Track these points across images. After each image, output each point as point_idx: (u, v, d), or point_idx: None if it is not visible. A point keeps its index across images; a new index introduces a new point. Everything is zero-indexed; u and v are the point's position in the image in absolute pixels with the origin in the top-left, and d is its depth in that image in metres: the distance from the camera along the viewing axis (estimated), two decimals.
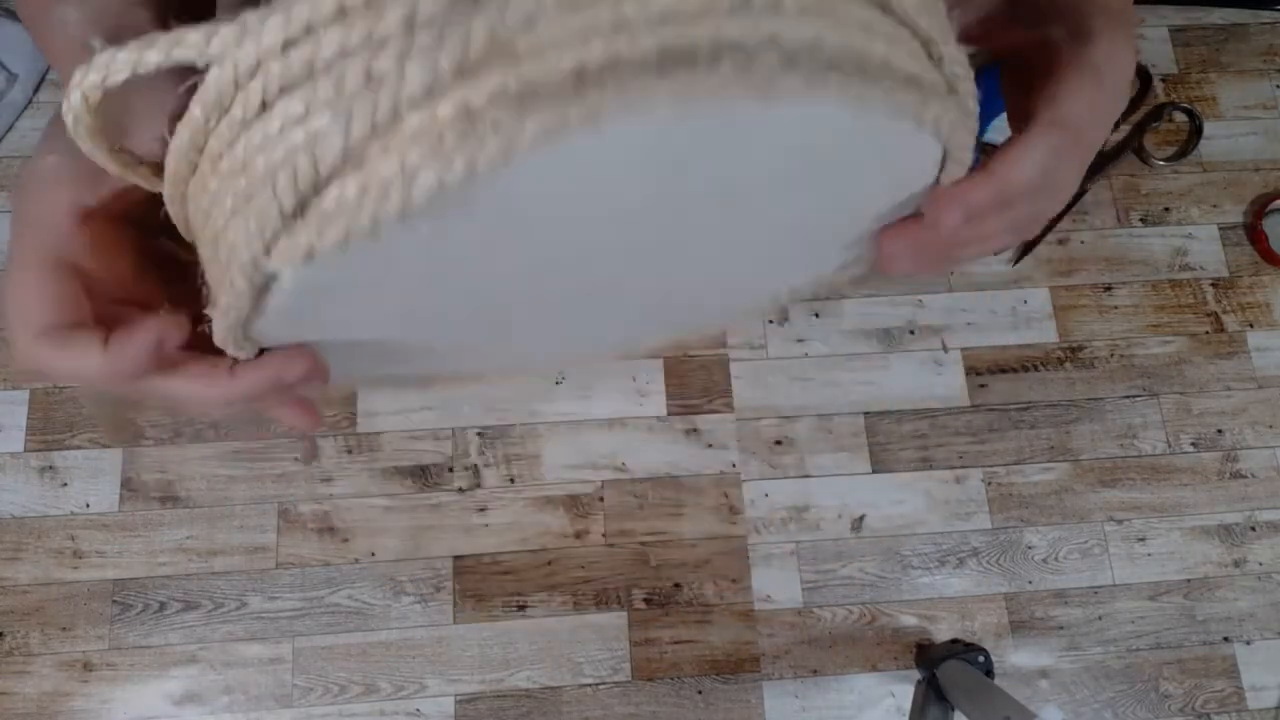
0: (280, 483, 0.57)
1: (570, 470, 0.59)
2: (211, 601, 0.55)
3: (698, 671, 0.56)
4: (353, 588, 0.56)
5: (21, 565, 0.55)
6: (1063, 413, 0.62)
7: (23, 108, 0.63)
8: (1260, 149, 0.68)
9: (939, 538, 0.59)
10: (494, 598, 0.56)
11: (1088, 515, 0.60)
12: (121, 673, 0.54)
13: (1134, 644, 0.58)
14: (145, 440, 0.58)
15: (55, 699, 0.53)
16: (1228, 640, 0.58)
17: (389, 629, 0.55)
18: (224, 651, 0.54)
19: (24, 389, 0.58)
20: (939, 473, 0.60)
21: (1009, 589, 0.58)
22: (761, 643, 0.57)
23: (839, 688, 0.56)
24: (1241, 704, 0.57)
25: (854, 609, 0.58)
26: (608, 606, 0.57)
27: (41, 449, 0.57)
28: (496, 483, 0.58)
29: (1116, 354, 0.63)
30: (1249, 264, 0.65)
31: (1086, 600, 0.58)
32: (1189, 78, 0.69)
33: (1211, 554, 0.60)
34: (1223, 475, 0.61)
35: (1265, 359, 0.63)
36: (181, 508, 0.57)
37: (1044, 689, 0.57)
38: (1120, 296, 0.64)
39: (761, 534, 0.58)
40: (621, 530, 0.58)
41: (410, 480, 0.58)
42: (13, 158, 0.62)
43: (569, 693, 0.55)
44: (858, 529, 0.59)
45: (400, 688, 0.54)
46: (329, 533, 0.57)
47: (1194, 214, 0.66)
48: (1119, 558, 0.59)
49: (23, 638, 0.54)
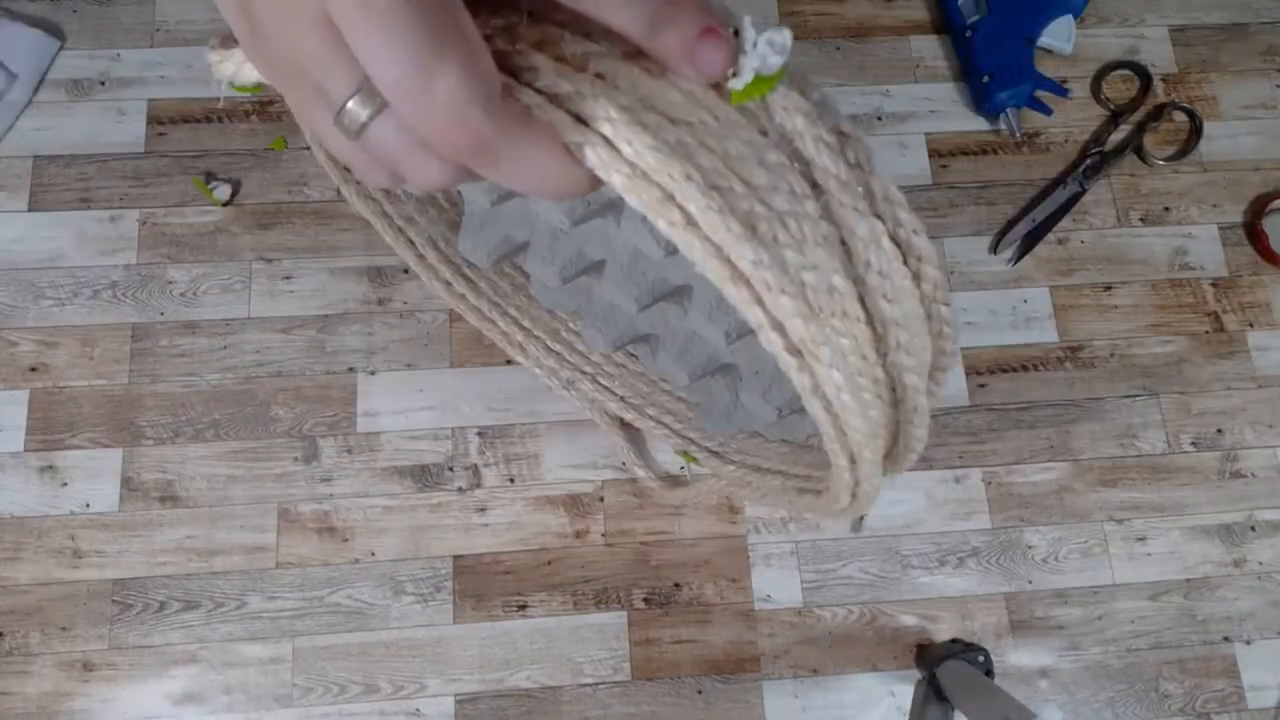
0: (280, 483, 0.57)
1: (570, 470, 0.59)
2: (211, 601, 0.55)
3: (698, 671, 0.56)
4: (353, 588, 0.56)
5: (21, 565, 0.55)
6: (1063, 412, 0.62)
7: (23, 108, 0.63)
8: (1260, 149, 0.68)
9: (939, 537, 0.59)
10: (494, 598, 0.56)
11: (1088, 515, 0.60)
12: (121, 673, 0.54)
13: (1134, 644, 0.58)
14: (145, 440, 0.58)
15: (55, 699, 0.53)
16: (1228, 640, 0.58)
17: (389, 629, 0.55)
18: (224, 651, 0.54)
19: (24, 389, 0.58)
20: (939, 472, 0.60)
21: (1009, 589, 0.58)
22: (761, 642, 0.57)
23: (839, 687, 0.56)
24: (1241, 704, 0.57)
25: (854, 609, 0.58)
26: (608, 606, 0.57)
27: (41, 449, 0.57)
28: (496, 483, 0.59)
29: (1116, 354, 0.63)
30: (1249, 264, 0.65)
31: (1086, 600, 0.58)
32: (1189, 77, 0.69)
33: (1211, 554, 0.60)
34: (1223, 475, 0.61)
35: (1265, 359, 0.64)
36: (181, 508, 0.57)
37: (1044, 689, 0.57)
38: (1120, 296, 0.64)
39: (761, 534, 0.58)
40: (621, 530, 0.58)
41: (410, 480, 0.58)
42: (12, 158, 0.62)
43: (569, 692, 0.55)
44: (857, 529, 0.59)
45: (400, 687, 0.54)
46: (329, 533, 0.57)
47: (1194, 214, 0.66)
48: (1119, 557, 0.59)
49: (23, 638, 0.54)
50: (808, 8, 0.70)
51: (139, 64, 0.65)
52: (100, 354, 0.59)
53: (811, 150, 0.25)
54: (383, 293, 0.62)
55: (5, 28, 0.63)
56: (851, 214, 0.25)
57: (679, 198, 0.21)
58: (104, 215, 0.62)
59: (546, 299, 0.55)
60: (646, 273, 0.45)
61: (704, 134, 0.22)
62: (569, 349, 0.58)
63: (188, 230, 0.62)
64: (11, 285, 0.60)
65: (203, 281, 0.61)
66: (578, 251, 0.48)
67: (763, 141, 0.24)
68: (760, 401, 0.47)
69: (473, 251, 0.51)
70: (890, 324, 0.27)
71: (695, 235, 0.21)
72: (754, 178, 0.23)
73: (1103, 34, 0.70)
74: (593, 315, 0.52)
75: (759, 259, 0.22)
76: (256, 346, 0.60)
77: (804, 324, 0.23)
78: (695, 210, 0.21)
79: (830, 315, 0.24)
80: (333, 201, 0.63)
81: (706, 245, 0.21)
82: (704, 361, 0.50)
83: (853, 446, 0.28)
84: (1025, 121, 0.67)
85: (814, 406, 0.26)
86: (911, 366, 0.28)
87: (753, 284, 0.22)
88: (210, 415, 0.59)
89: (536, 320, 0.58)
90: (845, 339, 0.25)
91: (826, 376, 0.24)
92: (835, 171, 0.25)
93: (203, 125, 0.64)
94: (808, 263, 0.23)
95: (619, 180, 0.20)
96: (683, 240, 0.21)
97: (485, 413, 0.60)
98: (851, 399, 0.25)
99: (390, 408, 0.59)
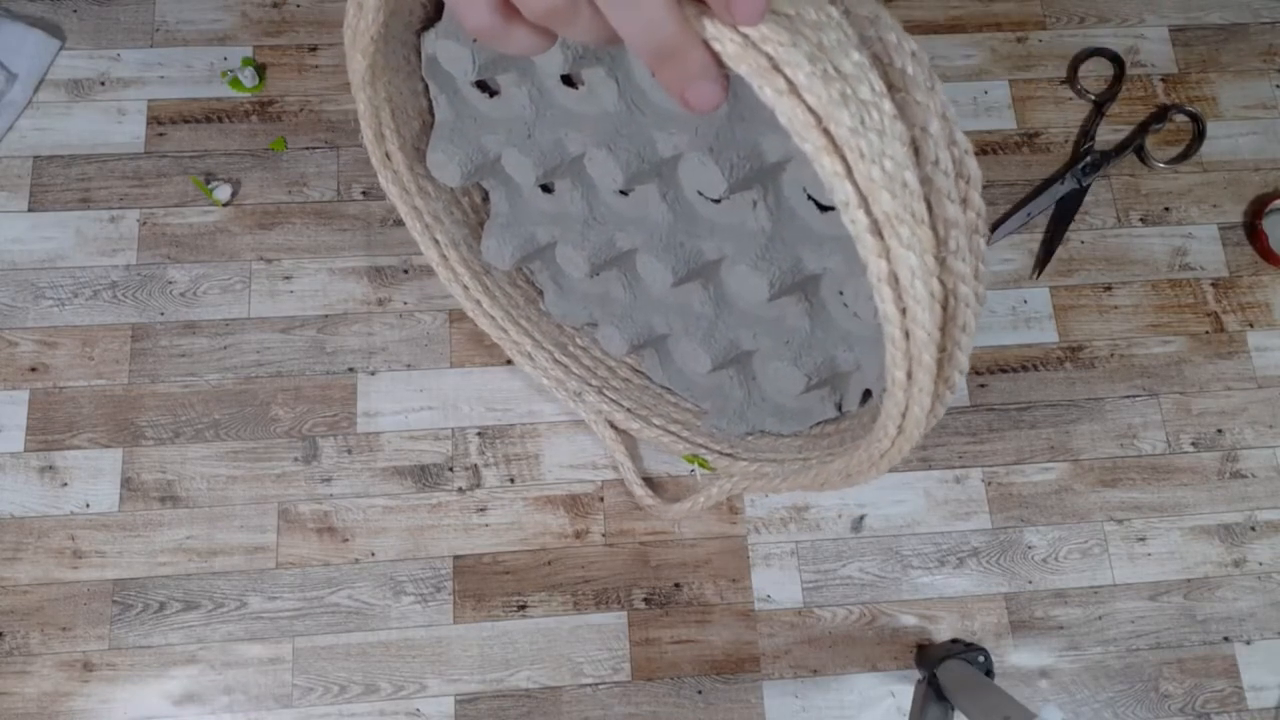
0: (280, 483, 0.57)
1: (570, 470, 0.59)
2: (211, 601, 0.55)
3: (698, 671, 0.56)
4: (353, 588, 0.56)
5: (21, 565, 0.55)
6: (1063, 413, 0.62)
7: (23, 108, 0.63)
8: (1260, 149, 0.68)
9: (939, 537, 0.59)
10: (494, 598, 0.56)
11: (1088, 515, 0.60)
12: (121, 673, 0.54)
13: (1134, 644, 0.58)
14: (145, 440, 0.58)
15: (55, 699, 0.53)
16: (1228, 640, 0.58)
17: (389, 629, 0.55)
18: (224, 651, 0.54)
19: (24, 389, 0.58)
20: (939, 472, 0.60)
21: (1009, 589, 0.58)
22: (761, 642, 0.57)
23: (839, 687, 0.56)
24: (1241, 704, 0.57)
25: (854, 609, 0.58)
26: (608, 606, 0.57)
27: (41, 449, 0.57)
28: (496, 483, 0.59)
29: (1116, 354, 0.63)
30: (1249, 264, 0.66)
31: (1086, 600, 0.58)
32: (1189, 78, 0.69)
33: (1211, 554, 0.60)
34: (1223, 475, 0.61)
35: (1265, 359, 0.64)
36: (181, 508, 0.57)
37: (1044, 689, 0.57)
38: (1120, 296, 0.64)
39: (761, 534, 0.58)
40: (621, 530, 0.58)
41: (410, 480, 0.58)
42: (13, 158, 0.62)
43: (569, 693, 0.55)
44: (857, 529, 0.59)
45: (400, 688, 0.54)
46: (329, 533, 0.57)
47: (1194, 214, 0.66)
48: (1119, 557, 0.59)
49: (23, 638, 0.54)
50: None
51: (139, 64, 0.65)
52: (100, 354, 0.59)
53: (892, 53, 0.28)
54: (383, 293, 0.62)
55: (5, 28, 0.63)
56: (924, 111, 0.28)
57: (785, 66, 0.23)
58: (104, 215, 0.62)
59: (559, 310, 0.56)
60: (684, 243, 0.46)
61: (800, 24, 0.24)
62: (575, 362, 0.58)
63: (188, 230, 0.62)
64: (11, 285, 0.60)
65: (203, 281, 0.61)
66: (608, 239, 0.48)
67: (847, 41, 0.26)
68: (792, 369, 0.47)
69: (496, 252, 0.52)
70: (951, 225, 0.28)
71: (797, 102, 0.23)
72: (843, 67, 0.25)
73: (1103, 34, 0.70)
74: (610, 315, 0.53)
75: (855, 126, 0.24)
76: (256, 346, 0.60)
77: (890, 198, 0.25)
78: (800, 77, 0.23)
79: (905, 207, 0.26)
80: (333, 201, 0.63)
81: (806, 113, 0.24)
82: (726, 347, 0.50)
83: (914, 351, 0.29)
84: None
85: (885, 298, 0.27)
86: (964, 276, 0.29)
87: (846, 154, 0.24)
88: (210, 415, 0.59)
89: (546, 334, 0.58)
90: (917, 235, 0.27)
91: (903, 259, 0.26)
92: (912, 72, 0.28)
93: (203, 125, 0.64)
94: (887, 151, 0.25)
95: (732, 49, 0.22)
96: (785, 107, 0.23)
97: (485, 413, 0.60)
98: (924, 288, 0.27)
99: (390, 408, 0.59)
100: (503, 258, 0.52)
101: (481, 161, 0.48)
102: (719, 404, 0.55)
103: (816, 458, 0.49)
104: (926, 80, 0.28)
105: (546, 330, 0.59)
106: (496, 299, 0.57)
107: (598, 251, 0.49)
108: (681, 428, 0.57)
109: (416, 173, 0.52)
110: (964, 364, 0.31)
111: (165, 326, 0.60)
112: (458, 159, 0.47)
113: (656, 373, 0.58)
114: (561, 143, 0.46)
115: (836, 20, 0.26)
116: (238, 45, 0.66)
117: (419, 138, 0.52)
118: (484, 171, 0.49)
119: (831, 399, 0.51)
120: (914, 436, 0.33)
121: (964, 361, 0.31)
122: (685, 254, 0.46)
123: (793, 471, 0.49)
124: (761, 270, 0.43)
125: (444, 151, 0.48)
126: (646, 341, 0.54)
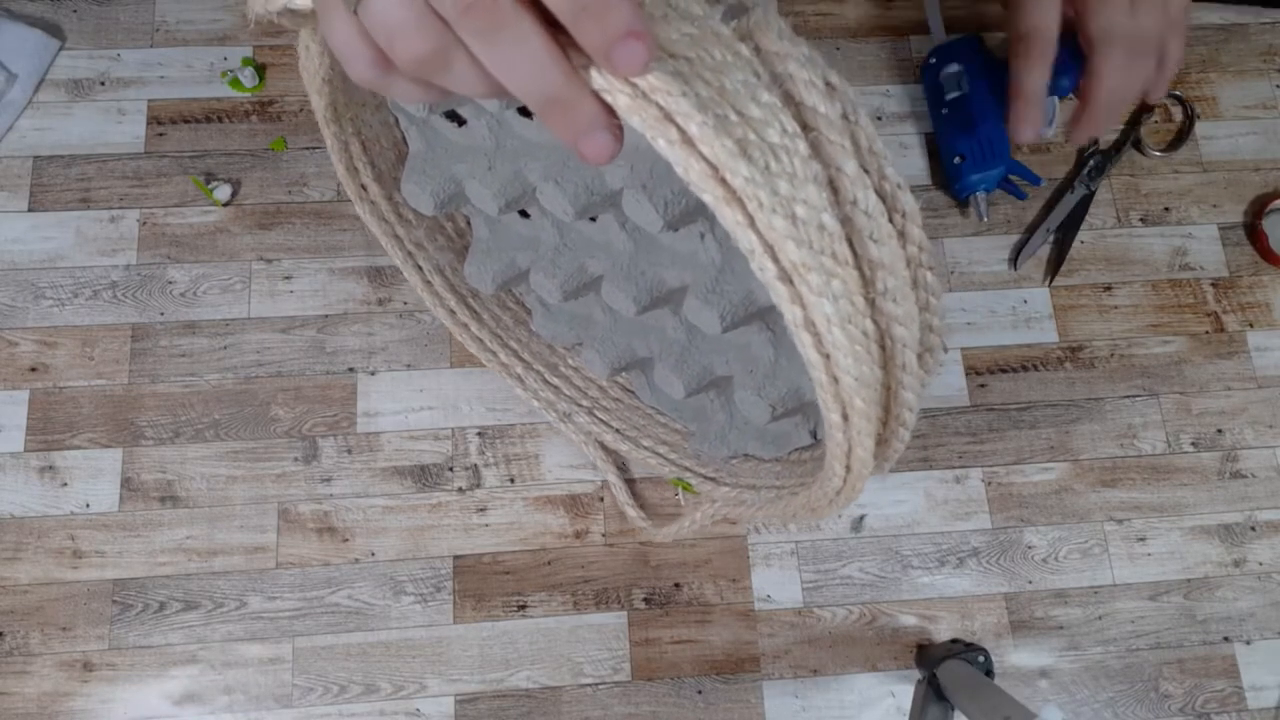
0: (280, 483, 0.57)
1: (570, 470, 0.59)
2: (211, 601, 0.55)
3: (698, 671, 0.56)
4: (353, 588, 0.56)
5: (21, 565, 0.55)
6: (1063, 413, 0.62)
7: (23, 108, 0.63)
8: (1260, 149, 0.68)
9: (939, 537, 0.59)
10: (494, 598, 0.56)
11: (1088, 515, 0.60)
12: (121, 673, 0.54)
13: (1134, 644, 0.58)
14: (145, 440, 0.58)
15: (55, 699, 0.53)
16: (1228, 640, 0.58)
17: (389, 629, 0.55)
18: (224, 651, 0.54)
19: (24, 389, 0.58)
20: (938, 472, 0.60)
21: (1009, 589, 0.58)
22: (761, 642, 0.57)
23: (839, 687, 0.56)
24: (1241, 704, 0.57)
25: (854, 609, 0.58)
26: (608, 606, 0.57)
27: (41, 449, 0.57)
28: (496, 483, 0.59)
29: (1116, 354, 0.63)
30: (1249, 264, 0.66)
31: (1086, 600, 0.58)
32: (1189, 77, 0.69)
33: (1211, 554, 0.60)
34: (1223, 475, 0.61)
35: (1265, 359, 0.64)
36: (181, 508, 0.57)
37: (1044, 689, 0.57)
38: (1120, 296, 0.64)
39: (761, 534, 0.58)
40: (621, 530, 0.58)
41: (410, 480, 0.58)
42: (13, 157, 0.62)
43: (569, 693, 0.55)
44: (857, 529, 0.59)
45: (400, 688, 0.54)
46: (329, 533, 0.57)
47: (1194, 214, 0.66)
48: (1119, 557, 0.59)
49: (23, 638, 0.54)
50: (808, 8, 0.70)
51: (139, 64, 0.65)
52: (100, 354, 0.59)
53: (802, 92, 0.26)
54: (383, 293, 0.62)
55: (5, 28, 0.63)
56: (839, 151, 0.26)
57: (677, 116, 0.22)
58: (104, 215, 0.62)
59: (547, 331, 0.56)
60: (645, 271, 0.46)
61: (701, 68, 0.24)
62: (566, 383, 0.58)
63: (188, 230, 0.62)
64: (11, 285, 0.60)
65: (203, 281, 0.61)
66: (579, 265, 0.48)
67: (756, 82, 0.25)
68: (756, 399, 0.47)
69: (478, 278, 0.51)
70: (877, 267, 0.27)
71: (691, 153, 0.23)
72: (748, 111, 0.24)
73: None
74: (592, 338, 0.53)
75: (752, 176, 0.23)
76: (256, 346, 0.60)
77: (796, 247, 0.24)
78: (693, 128, 0.22)
79: (819, 252, 0.25)
80: (333, 201, 0.63)
81: (702, 164, 0.23)
82: (699, 373, 0.50)
83: (844, 395, 0.28)
84: (994, 204, 0.65)
85: (805, 343, 0.26)
86: (899, 317, 0.28)
87: (746, 204, 0.23)
88: (210, 415, 0.59)
89: (536, 355, 0.58)
90: (835, 280, 0.26)
91: (817, 306, 0.25)
92: (824, 110, 0.26)
93: (203, 125, 0.64)
94: (798, 195, 0.24)
95: (623, 101, 0.22)
96: (680, 159, 0.23)
97: (485, 413, 0.60)
98: (842, 335, 0.26)
99: (390, 408, 0.59)
100: (485, 282, 0.51)
101: (455, 191, 0.47)
102: (703, 427, 0.55)
103: (789, 487, 0.48)
104: (846, 116, 0.27)
105: (537, 351, 0.59)
106: (484, 322, 0.57)
107: (569, 278, 0.48)
108: (669, 449, 0.57)
109: (396, 202, 0.52)
110: (913, 402, 0.30)
111: (165, 326, 0.60)
112: (429, 189, 0.47)
113: (645, 393, 0.58)
114: (521, 173, 0.45)
115: (746, 58, 0.25)
116: (238, 45, 0.66)
117: (395, 168, 0.51)
118: (458, 200, 0.48)
119: (805, 426, 0.50)
120: (864, 474, 0.32)
121: (912, 400, 0.30)
122: (647, 282, 0.45)
123: (767, 500, 0.49)
124: (711, 303, 0.42)
125: (416, 183, 0.47)
126: (629, 364, 0.53)
